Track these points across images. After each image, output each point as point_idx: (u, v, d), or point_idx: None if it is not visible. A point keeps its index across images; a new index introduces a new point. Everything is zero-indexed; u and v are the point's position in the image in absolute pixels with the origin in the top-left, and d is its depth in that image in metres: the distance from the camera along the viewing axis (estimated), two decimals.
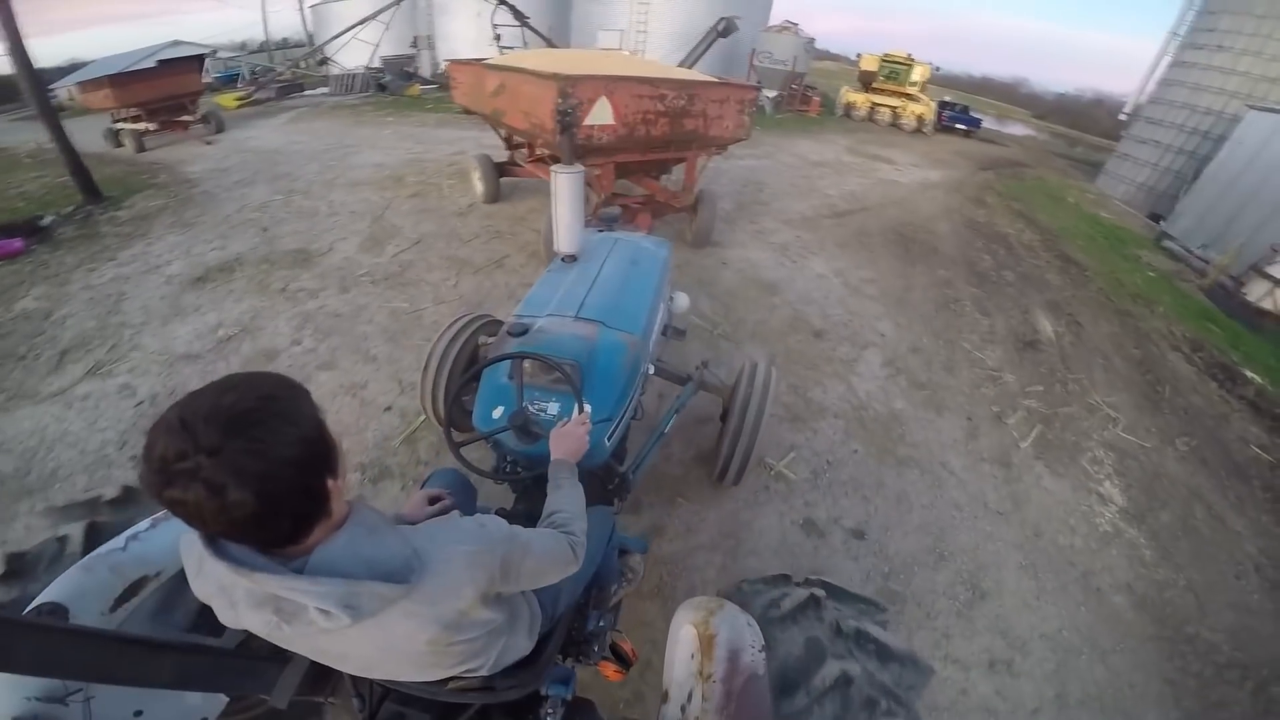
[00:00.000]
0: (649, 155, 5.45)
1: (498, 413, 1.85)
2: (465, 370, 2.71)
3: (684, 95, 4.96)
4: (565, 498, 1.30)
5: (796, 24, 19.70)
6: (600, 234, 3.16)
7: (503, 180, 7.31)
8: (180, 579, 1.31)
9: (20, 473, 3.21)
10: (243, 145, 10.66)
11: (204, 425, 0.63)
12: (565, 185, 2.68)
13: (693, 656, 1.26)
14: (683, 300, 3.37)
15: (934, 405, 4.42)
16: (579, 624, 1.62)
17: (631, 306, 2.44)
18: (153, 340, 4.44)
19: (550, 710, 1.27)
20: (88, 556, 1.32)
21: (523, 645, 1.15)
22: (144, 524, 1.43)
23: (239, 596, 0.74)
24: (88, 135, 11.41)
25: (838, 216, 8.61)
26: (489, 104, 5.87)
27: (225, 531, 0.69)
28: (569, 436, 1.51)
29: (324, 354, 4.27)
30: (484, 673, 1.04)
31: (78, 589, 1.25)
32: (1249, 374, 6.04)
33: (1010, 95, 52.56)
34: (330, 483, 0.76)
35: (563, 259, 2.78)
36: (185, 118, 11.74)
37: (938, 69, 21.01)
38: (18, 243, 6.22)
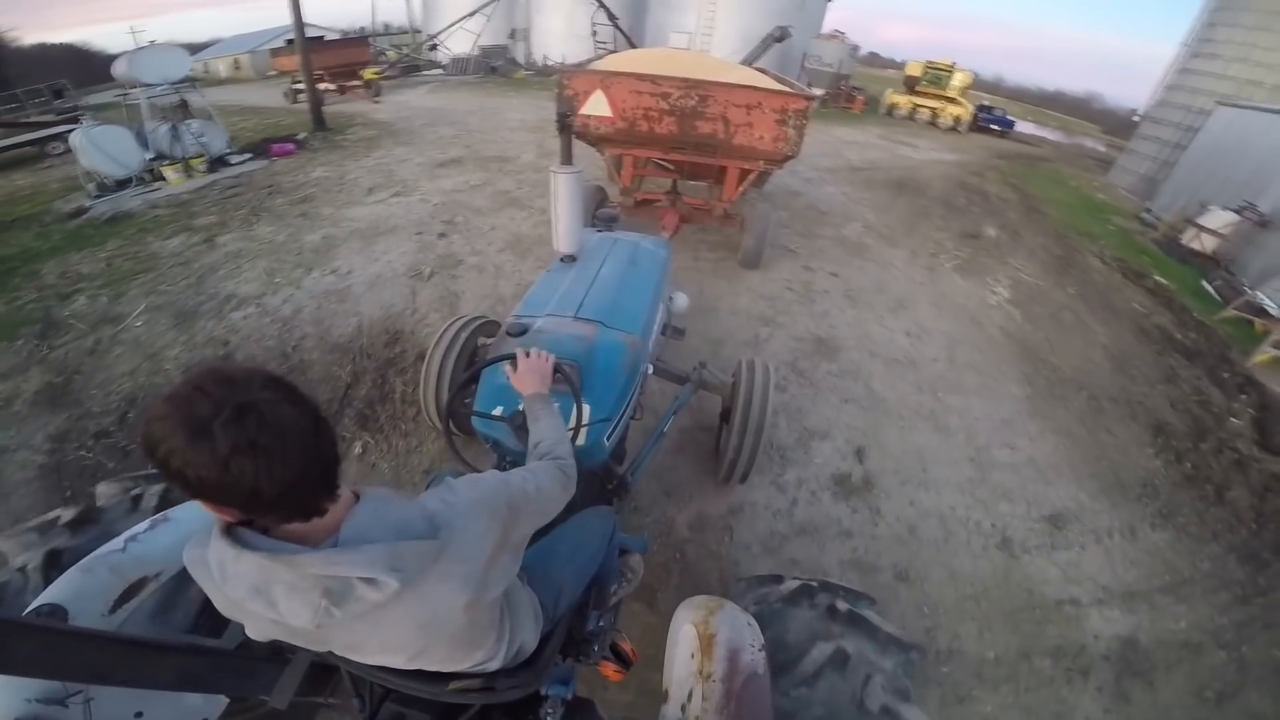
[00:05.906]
0: (672, 155, 5.37)
1: (497, 412, 1.87)
2: (465, 370, 2.75)
3: (692, 95, 4.70)
4: (545, 427, 1.32)
5: (844, 33, 22.46)
6: (600, 234, 3.24)
7: None
8: (180, 579, 1.41)
9: (373, 228, 6.13)
10: (406, 105, 14.05)
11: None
12: (564, 185, 2.67)
13: (693, 656, 1.28)
14: (682, 300, 3.43)
15: (890, 244, 7.13)
16: (579, 624, 1.63)
17: (630, 306, 2.46)
18: (428, 185, 7.59)
19: (550, 710, 1.28)
20: (87, 558, 1.34)
21: (529, 637, 1.16)
22: (143, 525, 1.44)
23: (279, 592, 0.73)
24: (258, 95, 15.12)
25: (853, 170, 11.25)
26: None
27: (253, 492, 0.64)
28: (531, 371, 1.52)
29: (538, 192, 7.43)
30: (495, 665, 1.06)
31: (77, 590, 1.25)
32: (1158, 277, 7.88)
33: (1082, 110, 49.21)
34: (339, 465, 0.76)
35: (562, 259, 2.79)
36: (354, 82, 15.38)
37: (978, 75, 22.97)
38: (291, 145, 9.64)
